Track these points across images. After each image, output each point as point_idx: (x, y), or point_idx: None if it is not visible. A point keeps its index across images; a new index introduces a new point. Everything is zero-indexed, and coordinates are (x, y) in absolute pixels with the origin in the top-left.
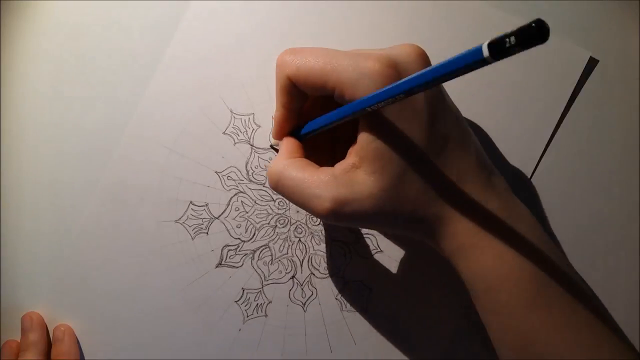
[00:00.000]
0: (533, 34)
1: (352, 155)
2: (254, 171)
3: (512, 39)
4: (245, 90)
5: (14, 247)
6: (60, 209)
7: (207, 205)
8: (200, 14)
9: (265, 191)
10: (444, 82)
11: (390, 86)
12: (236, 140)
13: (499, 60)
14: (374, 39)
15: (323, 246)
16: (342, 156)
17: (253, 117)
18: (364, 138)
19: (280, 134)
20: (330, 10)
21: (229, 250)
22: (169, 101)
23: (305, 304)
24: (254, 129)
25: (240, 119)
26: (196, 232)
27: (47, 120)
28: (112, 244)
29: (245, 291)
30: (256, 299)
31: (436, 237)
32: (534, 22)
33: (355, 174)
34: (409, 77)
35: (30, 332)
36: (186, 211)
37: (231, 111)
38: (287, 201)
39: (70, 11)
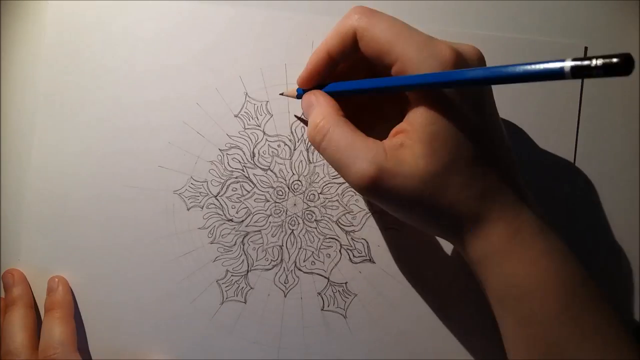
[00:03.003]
0: (620, 64)
1: (402, 135)
2: (261, 156)
3: (599, 61)
4: (263, 78)
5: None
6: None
7: (206, 182)
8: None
9: (267, 177)
10: (517, 82)
11: (464, 71)
12: (246, 125)
13: (576, 78)
14: None
15: (315, 243)
16: (365, 124)
17: (267, 105)
18: (419, 119)
19: (308, 80)
20: None
21: (224, 229)
22: (184, 74)
23: (287, 292)
24: (265, 116)
25: (254, 104)
26: (192, 204)
27: (48, 118)
28: (109, 199)
29: (229, 273)
30: (239, 282)
31: (468, 237)
32: (623, 55)
33: (404, 153)
34: (489, 67)
35: (13, 287)
36: (185, 184)
37: (246, 94)
38: (285, 191)
39: (71, 11)
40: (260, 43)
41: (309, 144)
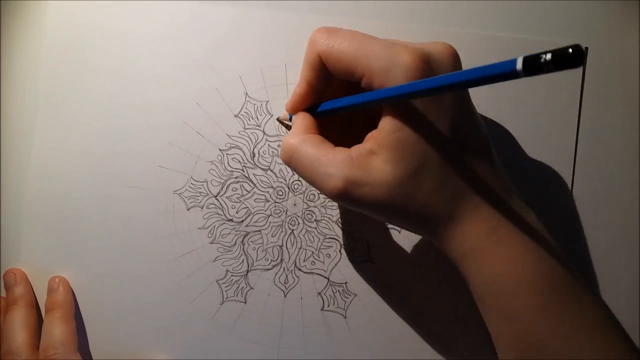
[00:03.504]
0: (569, 56)
1: (371, 141)
2: (261, 156)
3: (549, 56)
4: (264, 78)
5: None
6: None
7: (206, 182)
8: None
9: (267, 177)
10: (474, 86)
11: (422, 82)
12: (246, 125)
13: (529, 76)
14: None
15: (315, 243)
16: (352, 137)
17: (267, 105)
18: (386, 126)
19: (295, 109)
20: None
21: (224, 229)
22: (185, 73)
23: (286, 292)
24: (265, 116)
25: (254, 104)
26: (192, 205)
27: (48, 118)
28: (108, 199)
29: (229, 273)
30: (239, 282)
31: (445, 237)
32: (572, 46)
33: (372, 160)
34: (442, 75)
35: (15, 286)
36: (185, 184)
37: (246, 94)
38: (285, 191)
39: (71, 11)
40: (260, 43)
41: None
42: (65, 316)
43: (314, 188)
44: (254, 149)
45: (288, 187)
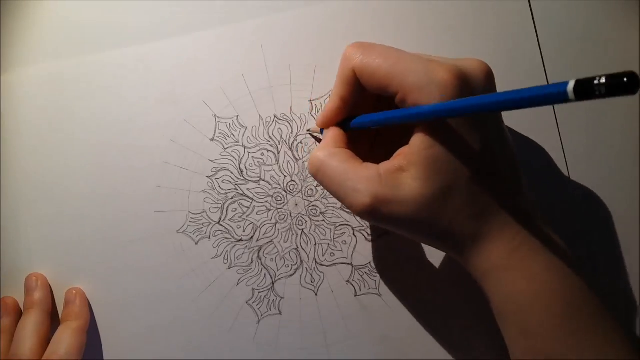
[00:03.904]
0: (624, 84)
1: (401, 158)
2: (249, 169)
3: (603, 80)
4: (226, 95)
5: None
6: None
7: (204, 212)
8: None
9: (261, 188)
10: (517, 109)
11: (462, 101)
12: (225, 145)
13: (580, 100)
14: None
15: (327, 235)
16: (383, 149)
17: (237, 119)
18: (418, 142)
19: (327, 124)
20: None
21: (237, 251)
22: (157, 112)
23: (316, 291)
24: (239, 131)
25: (225, 122)
26: (199, 238)
27: (45, 125)
28: (117, 258)
29: (256, 291)
30: (268, 296)
31: (469, 255)
32: (627, 73)
33: (401, 177)
34: (484, 95)
35: (35, 291)
36: (185, 221)
37: (215, 116)
38: (283, 195)
39: (71, 11)
40: (213, 63)
41: (292, 142)
42: (78, 328)
43: (310, 183)
44: (240, 165)
45: (285, 191)
